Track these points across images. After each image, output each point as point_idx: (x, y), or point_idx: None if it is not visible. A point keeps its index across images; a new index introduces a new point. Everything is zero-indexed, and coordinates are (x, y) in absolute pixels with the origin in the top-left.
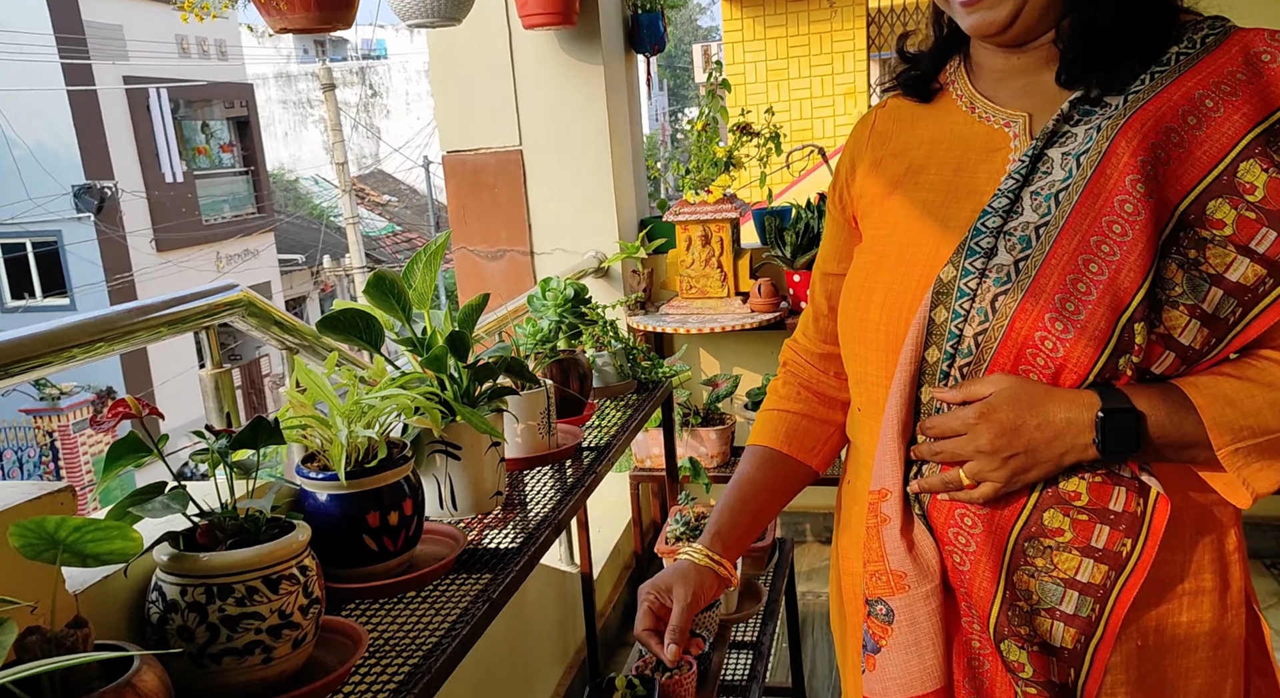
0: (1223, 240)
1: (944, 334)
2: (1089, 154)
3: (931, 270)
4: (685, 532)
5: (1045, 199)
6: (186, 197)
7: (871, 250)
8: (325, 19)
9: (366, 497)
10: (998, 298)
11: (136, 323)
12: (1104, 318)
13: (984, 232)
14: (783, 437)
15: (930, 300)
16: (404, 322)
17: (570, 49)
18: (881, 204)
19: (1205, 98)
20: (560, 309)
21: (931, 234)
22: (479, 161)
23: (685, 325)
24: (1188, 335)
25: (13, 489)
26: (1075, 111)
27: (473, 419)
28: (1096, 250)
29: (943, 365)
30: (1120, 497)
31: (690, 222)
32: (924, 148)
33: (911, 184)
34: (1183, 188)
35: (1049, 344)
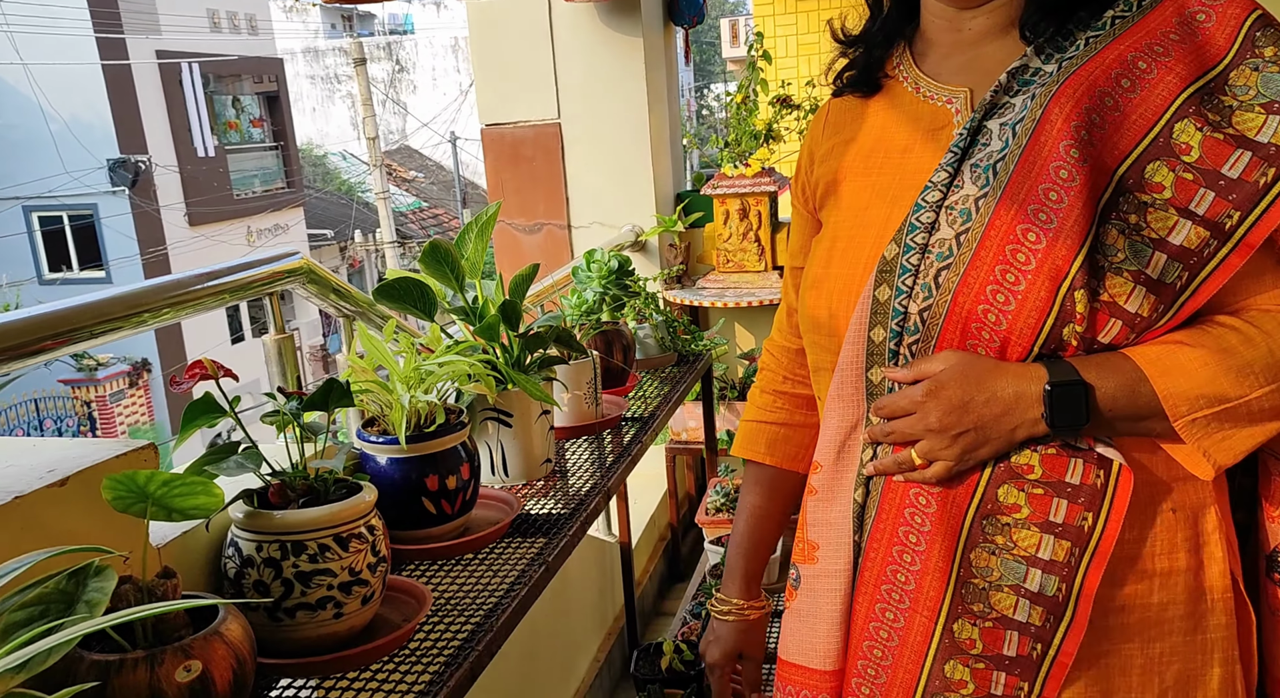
0: (1163, 203)
1: (888, 312)
2: (1024, 122)
3: (877, 250)
4: (725, 503)
5: (984, 170)
6: (218, 171)
7: (825, 238)
8: None
9: (425, 461)
10: (940, 272)
11: (205, 289)
12: (1044, 287)
13: (924, 207)
14: (765, 448)
15: (875, 280)
16: (457, 290)
17: (610, 21)
18: (835, 192)
19: (1138, 60)
20: (605, 281)
21: (879, 216)
22: (517, 135)
23: (722, 299)
24: (1133, 302)
25: (97, 447)
26: (1014, 82)
27: (527, 386)
28: (1034, 219)
29: (890, 344)
30: (1077, 469)
31: (728, 195)
32: (873, 133)
33: (861, 169)
34: (1120, 152)
35: (992, 317)
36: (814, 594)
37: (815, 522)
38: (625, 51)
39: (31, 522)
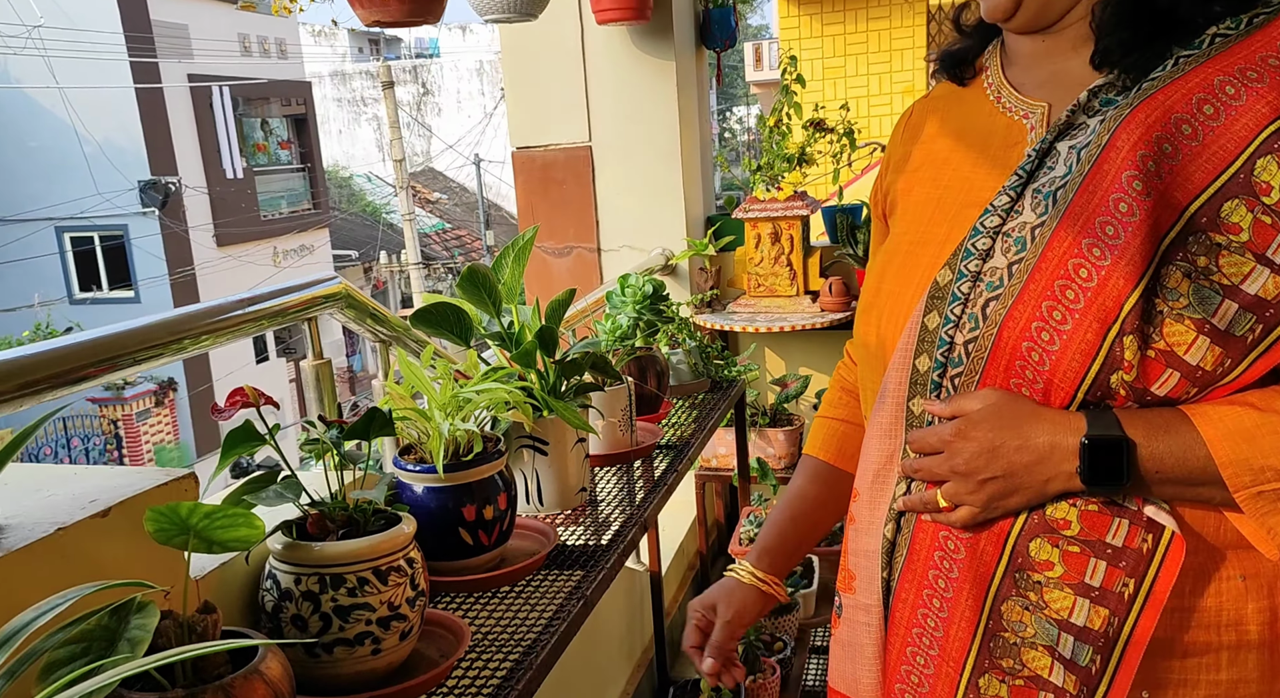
0: (1239, 247)
1: (935, 341)
2: (1089, 147)
3: (932, 272)
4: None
5: (1044, 197)
6: (246, 192)
7: (886, 250)
8: (416, 12)
9: (463, 490)
10: (989, 303)
11: (245, 314)
12: (1091, 329)
13: (981, 232)
14: (832, 448)
15: (924, 305)
16: (494, 315)
17: (642, 44)
18: (904, 200)
19: (1226, 84)
20: (639, 306)
21: (938, 234)
22: (548, 158)
23: (753, 324)
24: (1195, 354)
25: (139, 476)
26: (1095, 101)
27: (565, 413)
28: (1087, 254)
29: (934, 375)
30: (1120, 530)
31: (760, 219)
32: (948, 140)
33: (930, 180)
34: (1194, 187)
35: (1036, 356)
36: (853, 626)
37: (854, 551)
38: (657, 74)
39: (74, 553)
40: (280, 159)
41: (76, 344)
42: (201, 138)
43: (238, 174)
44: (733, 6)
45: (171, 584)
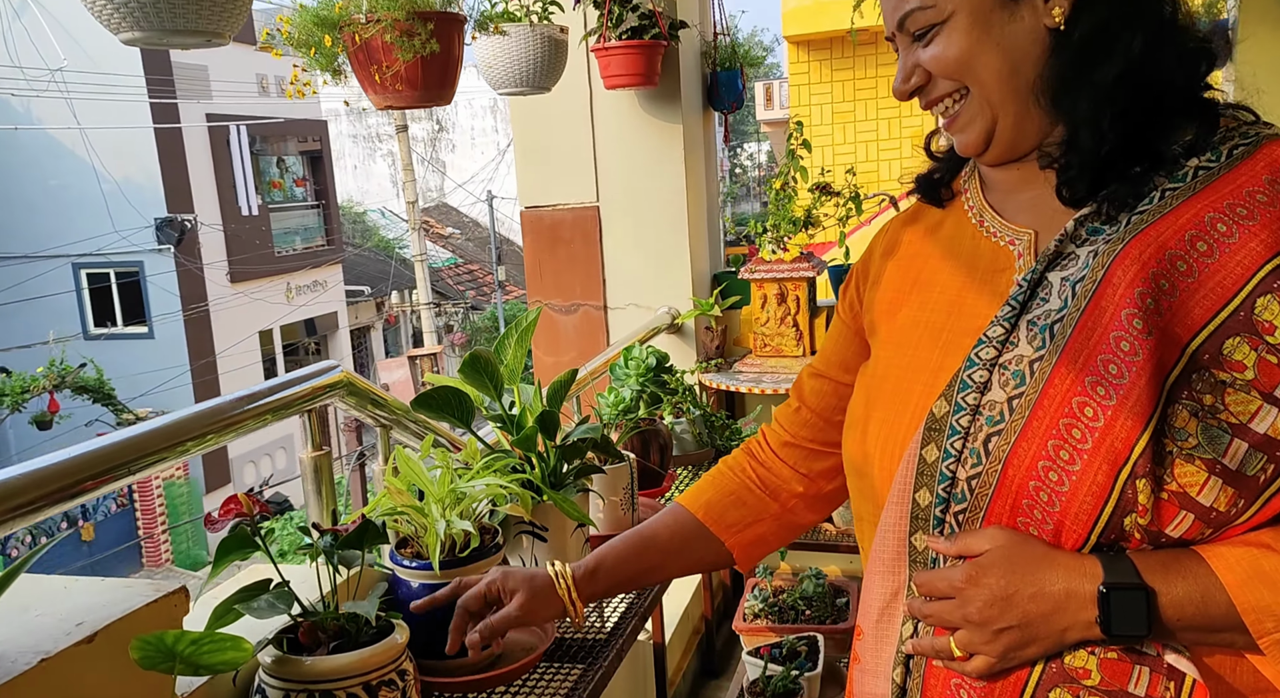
0: (1245, 385)
1: (935, 475)
2: (1084, 282)
3: (926, 402)
4: (765, 608)
5: (1040, 331)
6: (260, 229)
7: (874, 373)
8: (427, 98)
9: None
10: (991, 439)
11: (246, 411)
12: (1101, 471)
13: (977, 363)
14: (704, 504)
15: (921, 437)
16: (495, 398)
17: (650, 108)
18: (888, 320)
19: (1217, 221)
20: (642, 378)
21: (930, 361)
22: (556, 217)
23: (759, 385)
24: (1208, 495)
25: (127, 592)
26: (1081, 230)
27: (564, 506)
28: (1091, 393)
29: (936, 511)
30: (1142, 679)
31: (766, 279)
32: (931, 261)
33: (917, 302)
34: (1193, 323)
35: (1044, 496)
36: None
37: (860, 694)
38: (665, 137)
39: (58, 682)
40: (295, 196)
41: (74, 459)
42: (218, 175)
43: (253, 211)
44: (739, 70)
45: None
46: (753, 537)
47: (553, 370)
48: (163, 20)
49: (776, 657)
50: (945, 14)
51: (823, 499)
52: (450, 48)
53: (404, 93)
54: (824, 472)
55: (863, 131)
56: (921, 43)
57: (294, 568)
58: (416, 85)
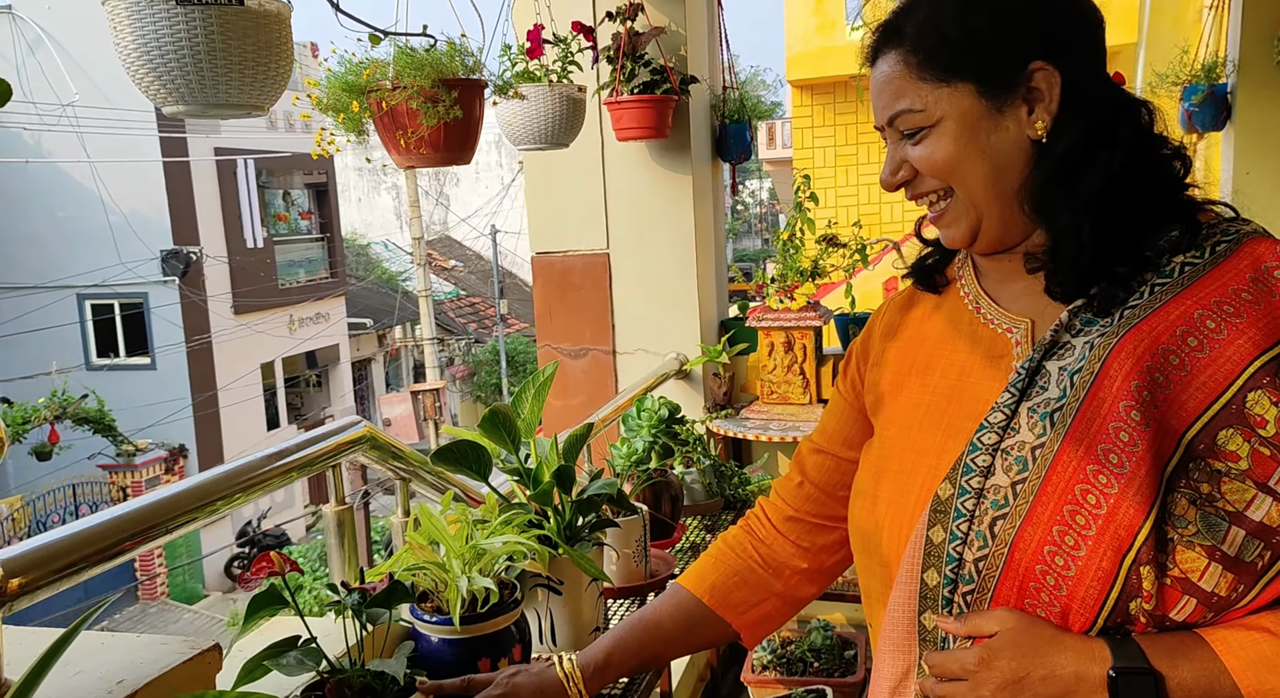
0: (1239, 474)
1: (943, 556)
2: (1081, 373)
3: (931, 484)
4: (774, 659)
5: (1041, 418)
6: (265, 261)
7: (879, 452)
8: (448, 159)
9: (479, 642)
10: (996, 522)
11: (273, 469)
12: (1106, 557)
13: (980, 448)
14: (708, 586)
15: (928, 519)
16: (512, 452)
17: (660, 159)
18: (890, 401)
19: (1206, 318)
20: (654, 429)
21: (933, 443)
22: (567, 263)
23: (766, 433)
24: (1209, 580)
25: (164, 649)
26: (1076, 321)
27: (581, 563)
28: (1094, 480)
29: (944, 591)
30: None
31: (773, 328)
32: (929, 344)
33: (917, 384)
34: (1188, 415)
35: (1051, 580)
36: None
37: None
38: (674, 186)
39: None
40: (300, 228)
41: (109, 521)
42: (225, 208)
43: (258, 243)
44: (748, 122)
45: None
46: (758, 616)
47: (561, 414)
48: (206, 95)
49: None
50: (934, 119)
51: (824, 573)
52: (472, 112)
53: (427, 155)
54: (827, 546)
55: (865, 174)
56: (910, 141)
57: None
58: (439, 147)
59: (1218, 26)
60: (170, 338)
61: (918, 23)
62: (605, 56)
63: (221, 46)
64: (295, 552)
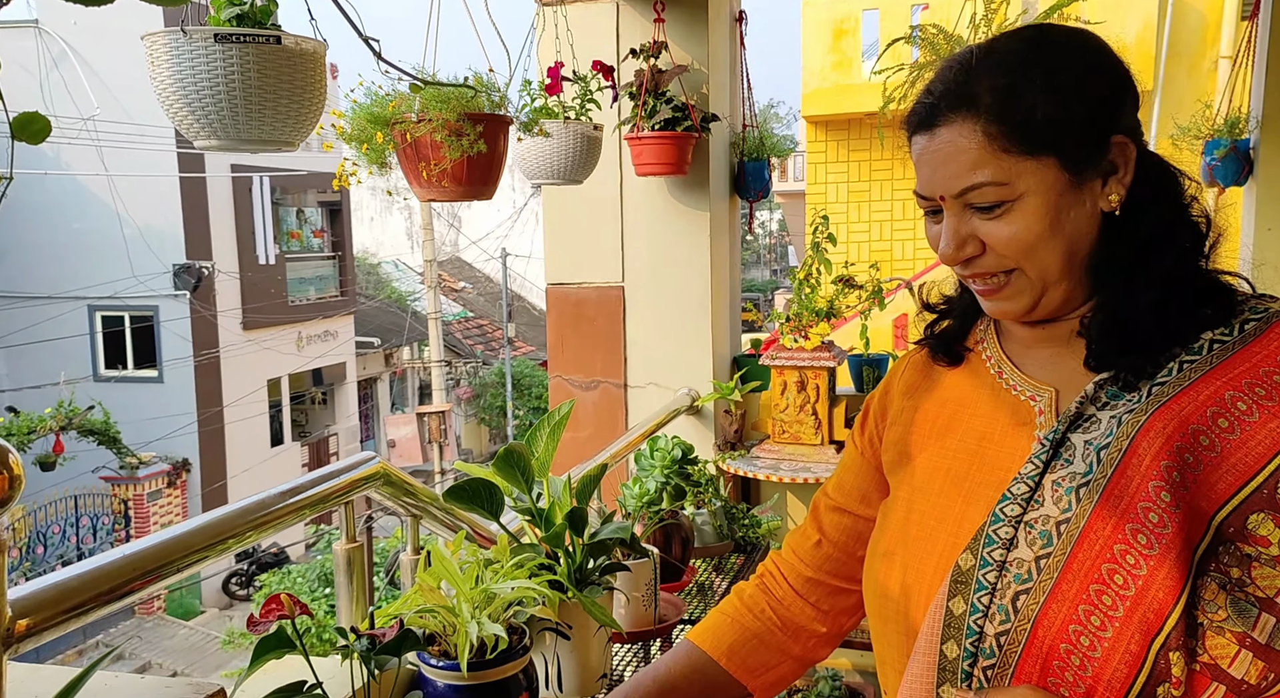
0: (1270, 560)
1: (963, 629)
2: (1109, 450)
3: (951, 553)
4: None
5: (1066, 493)
6: (276, 278)
7: (895, 515)
8: (470, 193)
9: (486, 689)
10: (1019, 596)
11: (286, 506)
12: (1134, 640)
13: (1002, 519)
14: (725, 649)
15: (948, 589)
16: (525, 491)
17: (678, 194)
18: (908, 462)
19: (1237, 400)
20: (667, 470)
21: (953, 510)
22: (581, 295)
23: (777, 473)
24: (1239, 668)
25: (167, 690)
26: (1102, 393)
27: (593, 610)
28: (1121, 561)
29: (964, 664)
30: None
31: (786, 367)
32: (949, 407)
33: (937, 449)
34: (1218, 497)
35: (1075, 660)
36: None
37: None
38: (691, 223)
39: None
40: (312, 246)
41: (120, 560)
42: (238, 224)
43: (270, 260)
44: (766, 160)
45: None
46: (774, 678)
47: (570, 446)
48: (240, 131)
49: None
50: (1017, 193)
51: (840, 635)
52: (496, 147)
53: (448, 189)
54: (846, 609)
55: (878, 211)
56: (983, 215)
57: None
58: (461, 181)
59: (1240, 79)
60: (179, 352)
61: (997, 91)
62: (628, 93)
63: (257, 84)
64: (294, 571)
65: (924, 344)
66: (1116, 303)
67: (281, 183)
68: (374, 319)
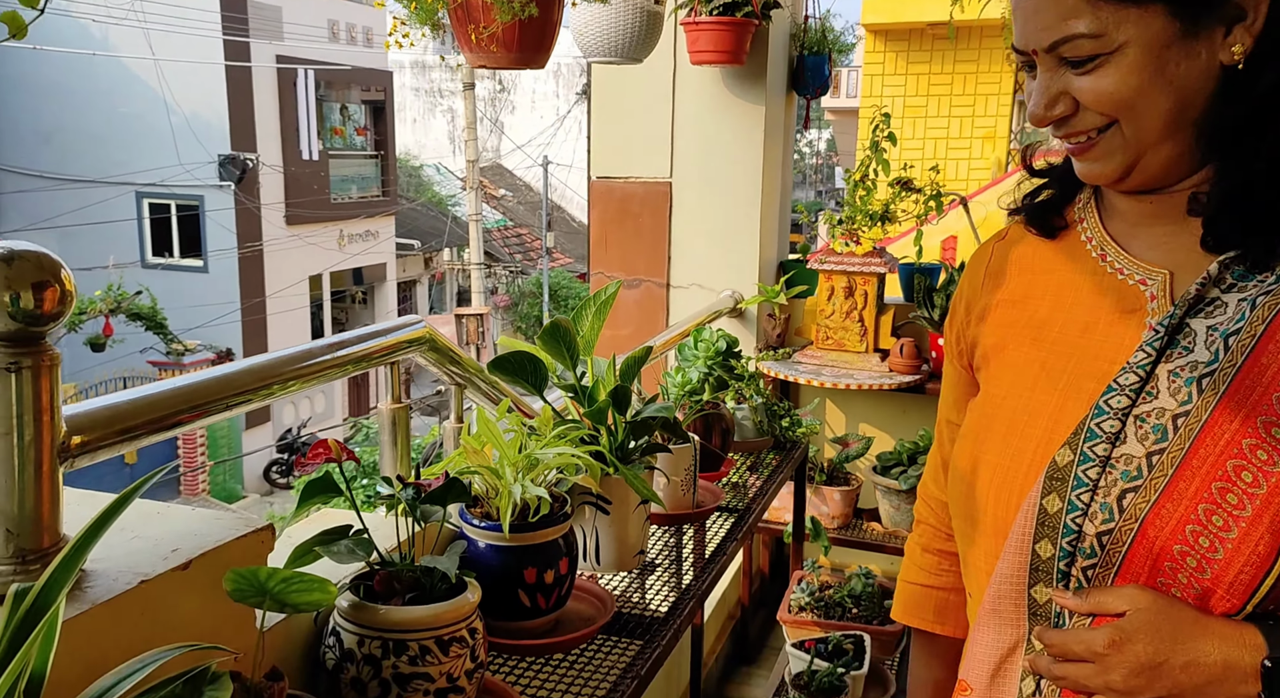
0: None
1: (1058, 528)
2: (1239, 335)
3: (1046, 448)
4: (811, 601)
5: (1185, 384)
6: (319, 174)
7: (982, 412)
8: (522, 60)
9: (526, 551)
10: (1126, 495)
11: (335, 358)
12: (1263, 541)
13: (1107, 412)
14: (934, 616)
15: (1042, 486)
16: (569, 368)
17: (733, 87)
18: (996, 357)
19: None
20: (711, 361)
21: (1049, 404)
22: (627, 190)
23: (819, 378)
24: None
25: (218, 524)
26: (1228, 274)
27: (634, 482)
28: (1250, 456)
29: (1059, 564)
30: None
31: (835, 271)
32: (1047, 297)
33: (1031, 340)
34: None
35: (1192, 562)
36: None
37: None
38: (745, 118)
39: (153, 604)
40: (355, 144)
41: (170, 391)
42: (282, 118)
43: (313, 156)
44: (828, 55)
45: (242, 639)
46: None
47: (610, 344)
48: None
49: (822, 652)
50: (1114, 45)
51: None
52: (549, 12)
53: (498, 54)
54: None
55: (933, 128)
56: (1077, 70)
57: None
58: (512, 47)
59: None
60: (223, 242)
61: None
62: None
63: None
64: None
65: (1019, 213)
66: (1236, 171)
67: (326, 77)
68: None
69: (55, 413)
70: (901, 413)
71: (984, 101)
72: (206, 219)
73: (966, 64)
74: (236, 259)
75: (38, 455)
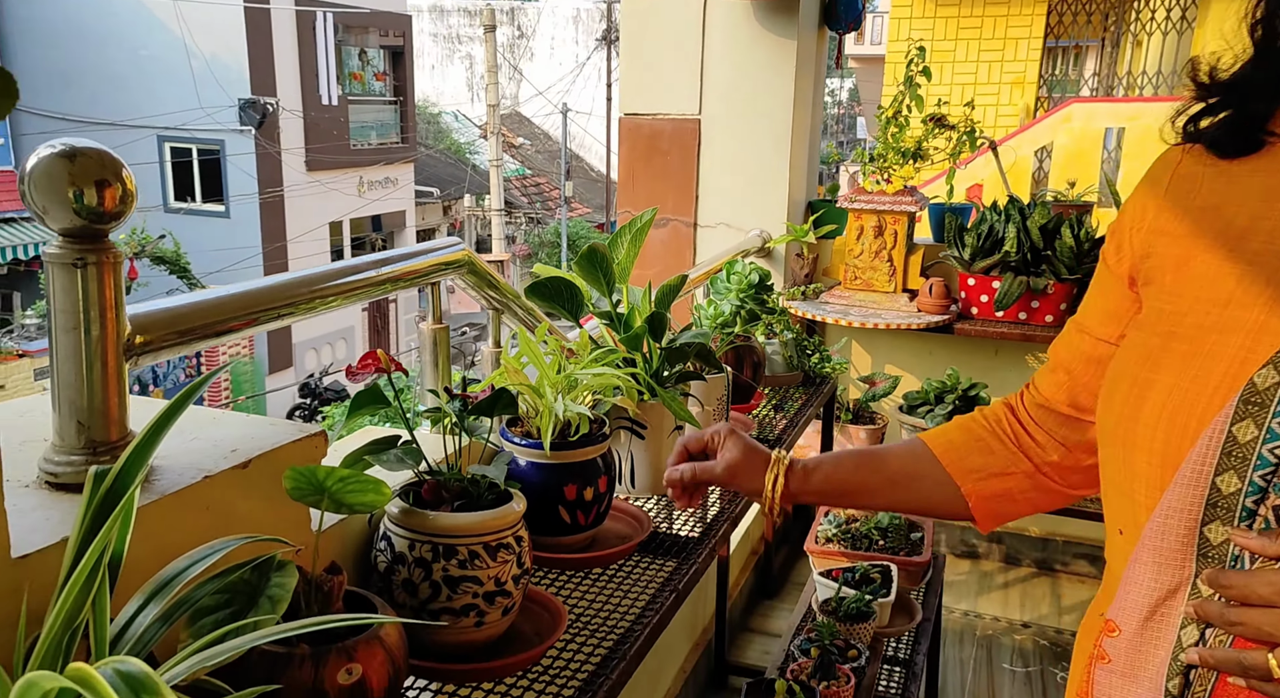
0: None
1: (1249, 459)
2: None
3: (1241, 369)
4: (838, 533)
5: None
6: (339, 120)
7: (1155, 329)
8: None
9: (566, 469)
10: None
11: (378, 275)
12: None
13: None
14: (945, 443)
15: (1235, 411)
16: (605, 294)
17: (765, 20)
18: (1177, 271)
19: None
20: (743, 294)
21: (1249, 320)
22: (655, 127)
23: (846, 317)
24: None
25: (273, 429)
26: None
27: (672, 405)
28: None
29: (1246, 500)
30: None
31: (865, 210)
32: (1249, 205)
33: (1227, 251)
34: None
35: None
36: None
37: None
38: (777, 53)
39: (215, 501)
40: (374, 90)
41: (228, 296)
42: (302, 62)
43: (333, 101)
44: None
45: (299, 538)
46: (998, 489)
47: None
48: None
49: (849, 581)
50: None
51: (1083, 473)
52: None
53: None
54: (1082, 444)
55: (960, 73)
56: None
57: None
58: None
59: None
60: (244, 187)
61: None
62: None
63: None
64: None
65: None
66: None
67: (344, 21)
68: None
69: (120, 310)
70: (928, 353)
71: (1014, 46)
72: (228, 163)
73: (997, 7)
74: (258, 204)
75: (104, 351)
